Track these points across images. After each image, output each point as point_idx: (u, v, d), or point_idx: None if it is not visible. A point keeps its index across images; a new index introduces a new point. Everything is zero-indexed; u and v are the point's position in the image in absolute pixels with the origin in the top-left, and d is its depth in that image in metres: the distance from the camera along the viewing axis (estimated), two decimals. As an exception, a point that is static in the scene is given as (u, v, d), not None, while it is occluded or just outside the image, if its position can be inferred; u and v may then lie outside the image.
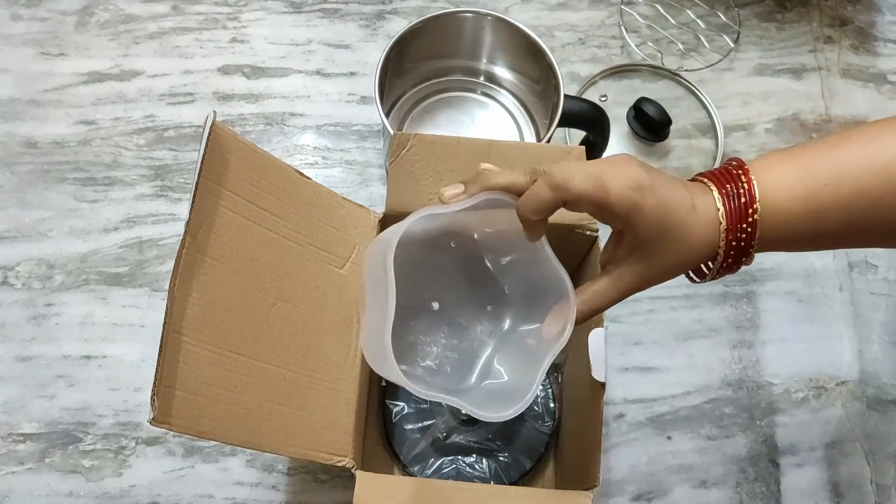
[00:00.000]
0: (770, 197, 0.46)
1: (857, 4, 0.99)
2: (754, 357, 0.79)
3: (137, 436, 0.73)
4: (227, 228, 0.54)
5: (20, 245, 0.80)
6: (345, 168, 0.86)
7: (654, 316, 0.80)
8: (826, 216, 0.46)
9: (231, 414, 0.51)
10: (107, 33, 0.92)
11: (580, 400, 0.64)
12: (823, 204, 0.46)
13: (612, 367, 0.78)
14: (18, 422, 0.73)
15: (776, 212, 0.46)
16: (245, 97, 0.89)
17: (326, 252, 0.61)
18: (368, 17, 0.94)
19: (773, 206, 0.46)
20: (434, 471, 0.70)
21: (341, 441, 0.57)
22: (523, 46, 0.79)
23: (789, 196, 0.46)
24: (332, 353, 0.59)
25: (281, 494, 0.71)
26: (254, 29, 0.93)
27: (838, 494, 0.74)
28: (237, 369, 0.52)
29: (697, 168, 0.87)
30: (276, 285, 0.56)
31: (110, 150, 0.85)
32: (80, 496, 0.70)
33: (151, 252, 0.80)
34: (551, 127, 0.74)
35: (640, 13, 0.96)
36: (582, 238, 0.64)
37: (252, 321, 0.54)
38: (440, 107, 0.86)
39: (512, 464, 0.70)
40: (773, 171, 0.47)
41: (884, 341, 0.81)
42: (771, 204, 0.46)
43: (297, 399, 0.55)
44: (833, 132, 0.44)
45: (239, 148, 0.56)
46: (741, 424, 0.77)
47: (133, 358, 0.76)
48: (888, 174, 0.45)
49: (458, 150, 0.64)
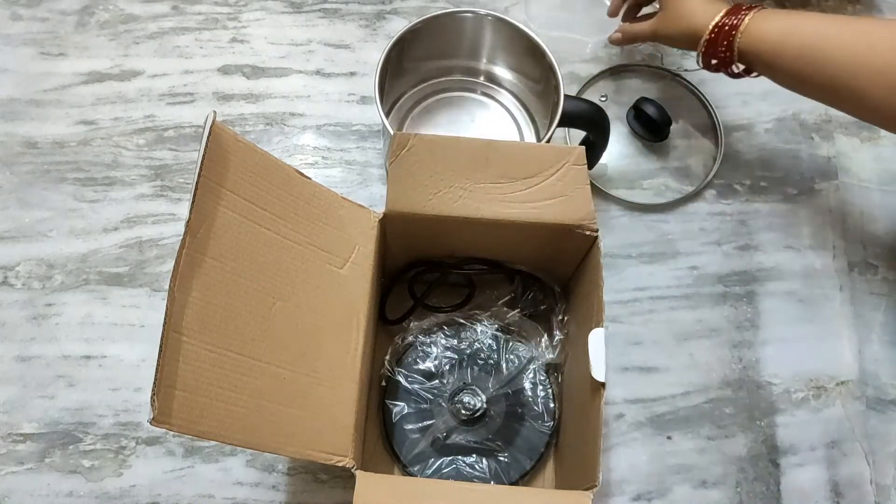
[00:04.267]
0: (753, 29, 0.70)
1: (857, 4, 0.98)
2: (754, 357, 0.79)
3: (137, 436, 0.73)
4: (227, 228, 0.54)
5: (20, 245, 0.80)
6: (345, 168, 0.86)
7: (654, 316, 0.80)
8: (784, 56, 0.68)
9: (231, 414, 0.51)
10: (107, 33, 0.92)
11: (580, 400, 0.64)
12: (786, 49, 0.68)
13: (612, 367, 0.78)
14: (18, 422, 0.73)
15: (753, 40, 0.70)
16: (245, 97, 0.89)
17: (326, 252, 0.61)
18: (368, 17, 0.94)
19: (753, 36, 0.70)
20: (434, 471, 0.70)
21: (341, 441, 0.57)
22: (523, 46, 0.79)
23: (764, 38, 0.69)
24: (332, 353, 0.59)
25: (281, 494, 0.71)
26: (254, 29, 0.93)
27: (838, 494, 0.74)
28: (237, 369, 0.52)
29: (697, 168, 0.87)
30: (276, 285, 0.57)
31: (110, 150, 0.85)
32: (80, 496, 0.70)
33: (151, 252, 0.80)
34: (551, 127, 0.74)
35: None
36: (582, 238, 0.65)
37: (252, 321, 0.54)
38: (440, 107, 0.86)
39: (512, 464, 0.70)
40: (768, 20, 0.69)
41: (884, 341, 0.81)
42: (753, 33, 0.70)
43: (297, 399, 0.55)
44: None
45: (239, 148, 0.56)
46: (741, 424, 0.77)
47: (133, 358, 0.76)
48: (841, 51, 0.65)
49: (458, 150, 0.64)
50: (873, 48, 0.64)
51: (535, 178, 0.64)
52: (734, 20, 0.70)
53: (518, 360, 0.73)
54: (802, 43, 0.67)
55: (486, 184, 0.64)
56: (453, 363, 0.72)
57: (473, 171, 0.64)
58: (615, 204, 0.85)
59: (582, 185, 0.64)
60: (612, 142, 0.81)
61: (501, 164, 0.64)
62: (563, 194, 0.64)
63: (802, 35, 0.67)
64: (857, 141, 0.90)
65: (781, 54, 0.68)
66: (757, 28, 0.69)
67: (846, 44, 0.65)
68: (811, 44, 0.66)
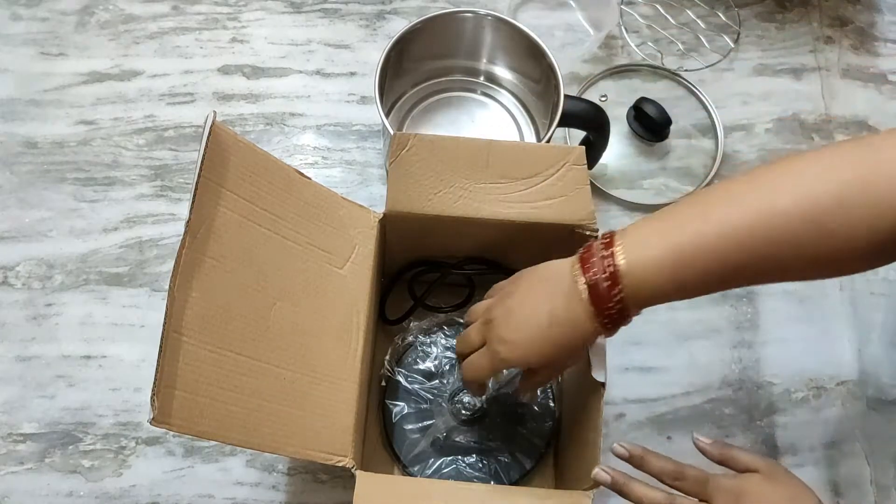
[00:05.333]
0: (637, 275, 0.50)
1: (857, 4, 0.99)
2: (754, 357, 0.79)
3: (137, 436, 0.73)
4: (227, 228, 0.54)
5: (20, 245, 0.80)
6: (345, 168, 0.86)
7: (654, 316, 0.80)
8: (692, 283, 0.50)
9: (231, 414, 0.51)
10: (107, 33, 0.92)
11: (580, 400, 0.64)
12: (689, 277, 0.49)
13: (612, 367, 0.77)
14: (18, 422, 0.73)
15: (642, 285, 0.50)
16: (245, 97, 0.89)
17: (326, 252, 0.61)
18: (368, 17, 0.94)
19: (640, 281, 0.50)
20: (434, 471, 0.70)
21: (341, 441, 0.57)
22: (523, 46, 0.79)
23: (657, 275, 0.50)
24: (332, 353, 0.59)
25: (281, 494, 0.71)
26: (254, 29, 0.93)
27: (838, 494, 0.74)
28: (237, 369, 0.52)
29: (697, 168, 0.87)
30: (276, 285, 0.56)
31: (110, 150, 0.85)
32: (80, 496, 0.70)
33: (151, 252, 0.80)
34: (551, 127, 0.74)
35: (640, 13, 0.96)
36: (582, 238, 0.64)
37: (252, 321, 0.54)
38: (440, 107, 0.86)
39: (512, 464, 0.70)
40: (643, 258, 0.50)
41: (884, 341, 0.81)
42: (638, 278, 0.50)
43: (297, 399, 0.55)
44: (699, 196, 0.51)
45: (239, 148, 0.56)
46: (741, 424, 0.76)
47: (133, 358, 0.76)
48: (748, 244, 0.47)
49: (458, 150, 0.64)
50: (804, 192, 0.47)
51: (535, 178, 0.64)
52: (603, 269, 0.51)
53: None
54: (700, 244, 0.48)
55: (487, 184, 0.64)
56: (453, 363, 0.72)
57: (474, 171, 0.64)
58: (615, 204, 0.85)
59: (582, 185, 0.64)
60: (612, 142, 0.82)
61: (501, 164, 0.64)
62: (563, 194, 0.64)
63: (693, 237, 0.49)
64: (857, 141, 0.90)
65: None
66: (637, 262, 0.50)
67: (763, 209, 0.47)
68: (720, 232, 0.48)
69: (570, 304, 0.52)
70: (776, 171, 0.49)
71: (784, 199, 0.47)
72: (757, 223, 0.47)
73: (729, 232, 0.48)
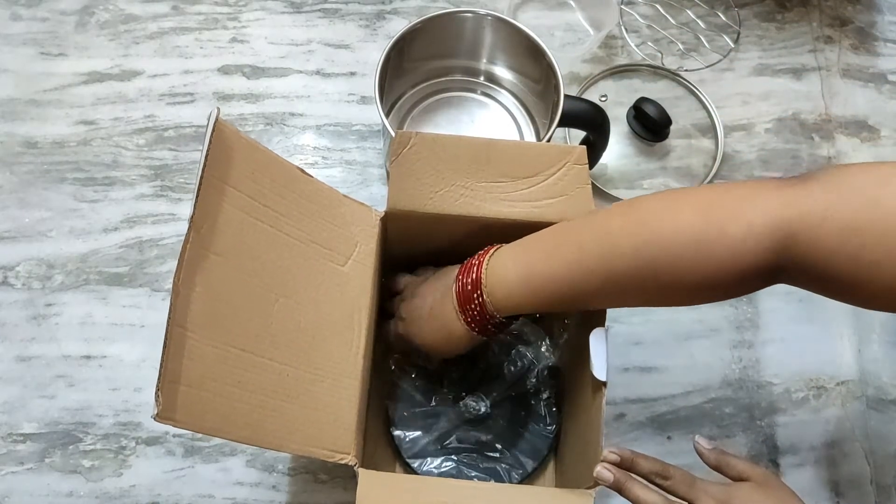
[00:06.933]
0: (495, 286, 0.58)
1: (857, 4, 0.99)
2: (754, 357, 0.79)
3: (137, 436, 0.72)
4: (230, 224, 0.54)
5: (20, 245, 0.80)
6: (345, 168, 0.86)
7: (654, 316, 0.80)
8: (546, 302, 0.57)
9: (235, 410, 0.51)
10: (107, 33, 0.92)
11: (581, 400, 0.64)
12: (541, 298, 0.57)
13: (613, 367, 0.77)
14: (18, 422, 0.73)
15: (501, 298, 0.58)
16: (245, 97, 0.89)
17: (328, 249, 0.61)
18: (368, 17, 0.94)
19: (498, 292, 0.58)
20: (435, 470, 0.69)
21: (344, 438, 0.57)
22: (523, 46, 0.79)
23: (510, 294, 0.58)
24: (335, 350, 0.59)
25: (281, 494, 0.71)
26: (254, 29, 0.93)
27: (838, 494, 0.74)
28: (240, 365, 0.52)
29: (697, 168, 0.87)
30: (279, 282, 0.56)
31: (110, 150, 0.85)
32: (80, 496, 0.70)
33: (151, 252, 0.80)
34: (551, 127, 0.74)
35: (640, 13, 0.96)
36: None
37: (255, 317, 0.54)
38: (440, 107, 0.86)
39: (514, 464, 0.70)
40: (504, 285, 0.58)
41: (884, 341, 0.81)
42: (496, 289, 0.58)
43: (300, 396, 0.55)
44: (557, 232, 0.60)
45: (242, 145, 0.56)
46: (741, 424, 0.77)
47: (133, 358, 0.76)
48: (589, 279, 0.54)
49: (459, 149, 0.64)
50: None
51: (536, 177, 0.64)
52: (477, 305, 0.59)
53: (521, 364, 0.72)
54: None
55: (488, 183, 0.64)
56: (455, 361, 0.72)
57: (474, 170, 0.64)
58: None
59: (583, 185, 0.64)
60: (612, 142, 0.82)
61: (502, 164, 0.64)
62: (564, 194, 0.64)
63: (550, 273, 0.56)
64: (857, 141, 0.90)
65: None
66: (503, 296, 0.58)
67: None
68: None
69: (445, 300, 0.61)
70: (619, 218, 0.55)
71: (625, 247, 0.53)
72: (598, 266, 0.54)
73: (575, 268, 0.55)
